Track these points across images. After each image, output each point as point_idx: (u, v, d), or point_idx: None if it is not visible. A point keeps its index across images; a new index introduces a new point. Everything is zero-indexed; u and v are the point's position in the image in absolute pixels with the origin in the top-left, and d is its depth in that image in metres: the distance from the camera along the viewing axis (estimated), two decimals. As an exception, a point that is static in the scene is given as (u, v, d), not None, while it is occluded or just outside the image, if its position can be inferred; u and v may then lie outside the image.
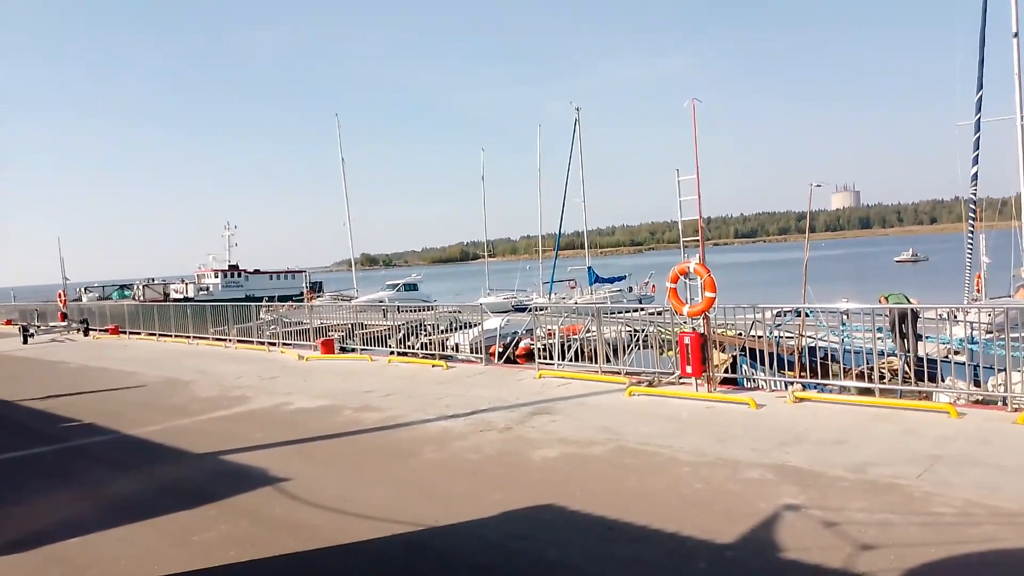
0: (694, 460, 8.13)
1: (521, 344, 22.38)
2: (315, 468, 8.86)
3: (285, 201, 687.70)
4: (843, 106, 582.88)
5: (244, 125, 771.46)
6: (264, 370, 17.33)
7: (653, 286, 48.55)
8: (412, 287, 59.66)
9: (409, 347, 18.72)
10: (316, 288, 66.67)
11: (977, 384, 12.01)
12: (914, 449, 7.93)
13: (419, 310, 23.83)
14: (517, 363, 18.76)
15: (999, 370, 10.57)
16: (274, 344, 21.69)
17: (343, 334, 21.78)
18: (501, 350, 19.83)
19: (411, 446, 9.58)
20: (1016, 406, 9.44)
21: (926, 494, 6.63)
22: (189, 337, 25.46)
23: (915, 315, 14.54)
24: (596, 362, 13.80)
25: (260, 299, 25.61)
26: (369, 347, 19.69)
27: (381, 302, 42.39)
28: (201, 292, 65.25)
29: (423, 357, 17.44)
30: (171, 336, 26.56)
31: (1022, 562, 5.26)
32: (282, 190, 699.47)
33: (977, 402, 10.76)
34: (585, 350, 15.65)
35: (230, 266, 70.39)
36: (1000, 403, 9.78)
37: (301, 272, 75.43)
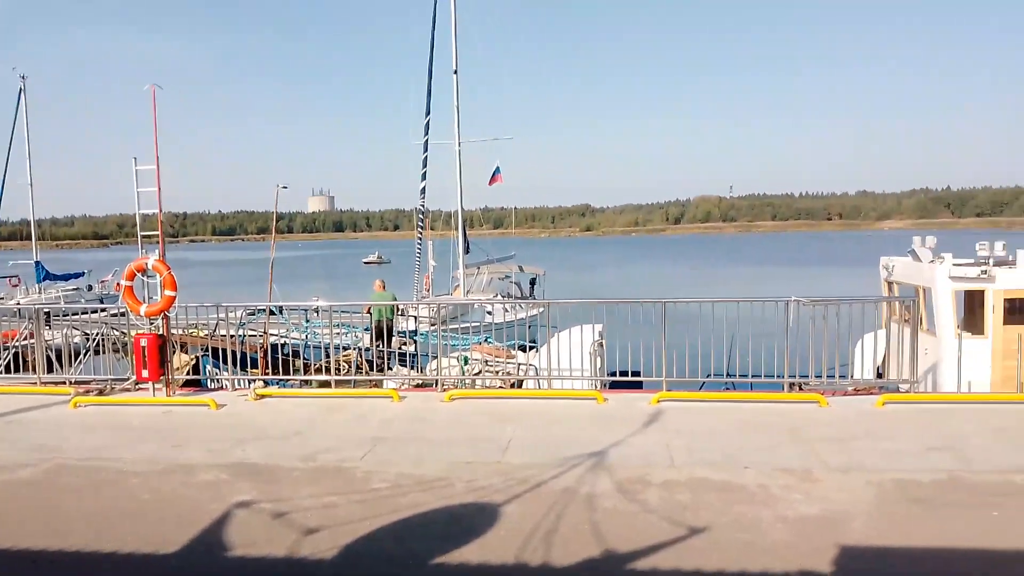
0: (145, 470, 7.60)
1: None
2: None
3: None
4: (320, 114, 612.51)
5: None
6: None
7: (118, 284, 44.29)
8: None
9: None
10: None
11: (419, 370, 13.74)
12: (361, 434, 8.68)
13: None
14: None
15: (433, 357, 12.24)
16: None
17: None
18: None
19: None
20: (445, 387, 11.04)
21: (367, 473, 7.31)
22: None
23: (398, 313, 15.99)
24: (36, 372, 11.98)
25: None
26: None
27: None
28: None
29: None
30: None
31: (440, 520, 6.14)
32: None
33: (419, 386, 12.28)
34: (29, 359, 13.46)
35: None
36: (435, 386, 11.32)
37: None
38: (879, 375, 12.81)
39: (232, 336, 12.25)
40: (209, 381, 12.58)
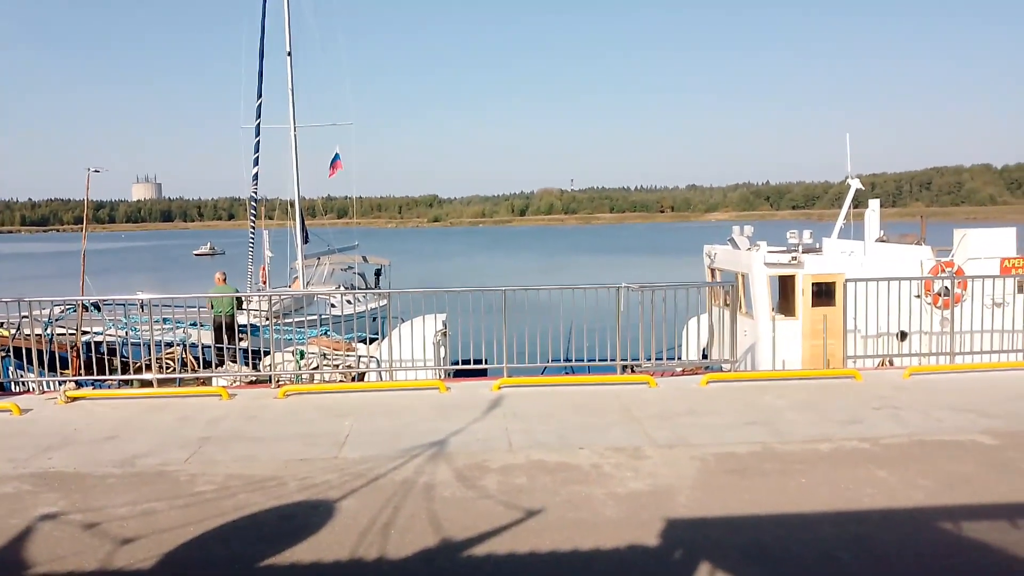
0: (-72, 486, 6.75)
1: None
2: None
3: None
4: (144, 95, 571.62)
5: None
6: None
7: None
8: None
9: None
10: None
11: (252, 366, 13.12)
12: (186, 434, 8.16)
13: None
14: None
15: (265, 352, 11.73)
16: None
17: None
18: None
19: None
20: (280, 383, 10.61)
21: (192, 476, 6.87)
22: None
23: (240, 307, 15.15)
24: None
25: None
26: None
27: None
28: None
29: None
30: None
31: (270, 520, 5.86)
32: None
33: (252, 382, 11.72)
34: None
35: None
36: (269, 382, 10.84)
37: None
38: (704, 356, 13.63)
39: (39, 334, 11.15)
40: (12, 384, 11.40)
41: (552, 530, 5.53)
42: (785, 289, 14.78)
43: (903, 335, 12.12)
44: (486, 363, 11.39)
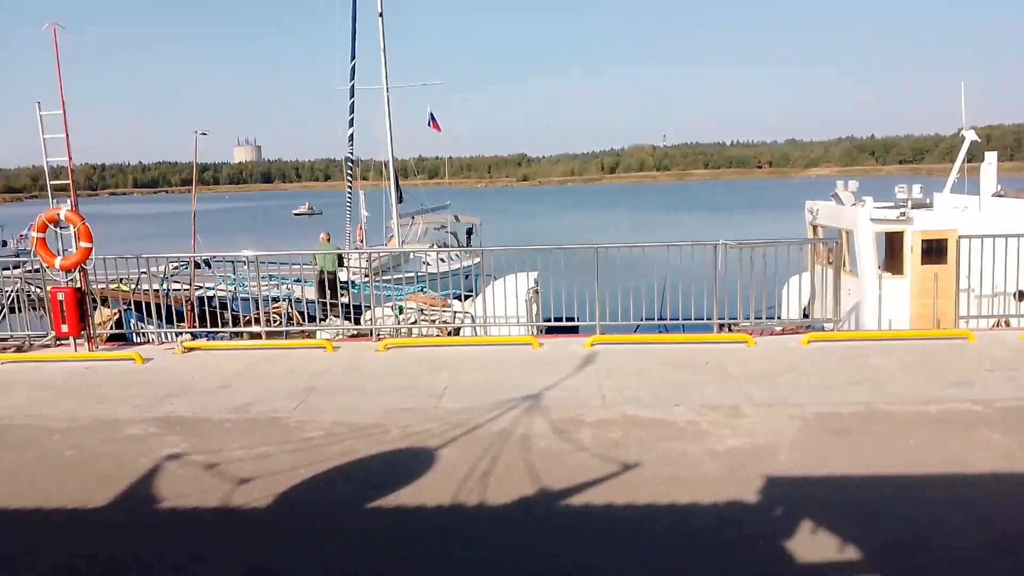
0: (66, 427, 7.35)
1: None
2: None
3: None
4: (244, 60, 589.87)
5: None
6: None
7: (34, 239, 42.28)
8: None
9: None
10: None
11: (354, 321, 13.58)
12: (293, 384, 8.55)
13: None
14: None
15: (366, 307, 12.11)
16: None
17: None
18: None
19: None
20: (380, 336, 10.95)
21: (300, 423, 7.22)
22: None
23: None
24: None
25: None
26: None
27: None
28: None
29: None
30: None
31: (375, 466, 6.12)
32: None
33: (354, 336, 12.14)
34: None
35: None
36: (370, 335, 11.21)
37: None
38: (805, 315, 13.25)
39: (156, 289, 11.85)
40: (134, 336, 12.18)
41: (648, 484, 5.56)
42: (892, 246, 14.13)
43: (1021, 295, 11.43)
44: (578, 320, 11.41)
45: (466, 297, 13.99)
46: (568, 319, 11.70)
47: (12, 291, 14.01)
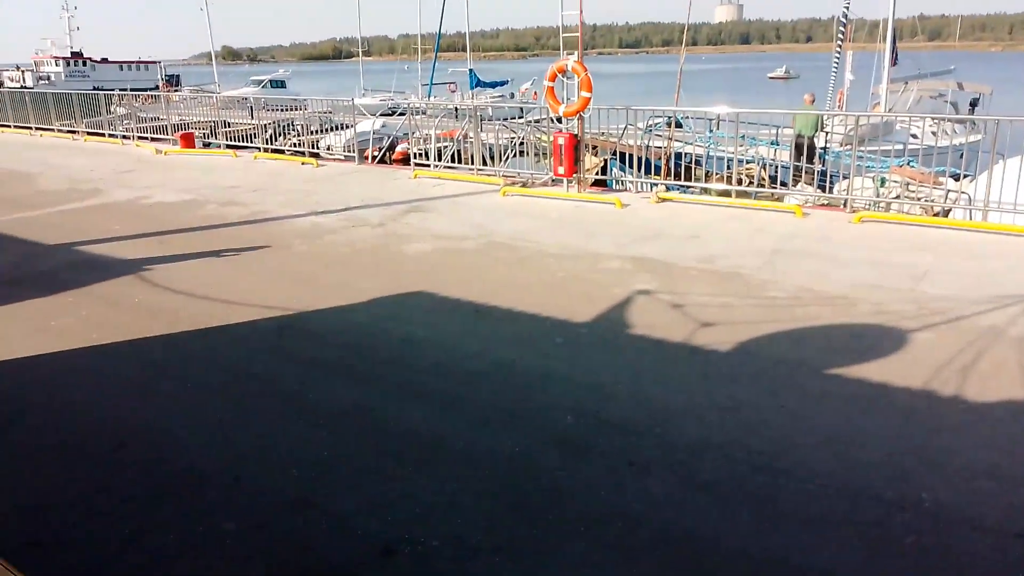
0: (559, 253, 8.49)
1: (397, 148, 21.83)
2: (179, 259, 8.65)
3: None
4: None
5: None
6: (119, 163, 16.26)
7: (535, 93, 47.76)
8: (280, 84, 56.05)
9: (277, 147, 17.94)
10: (173, 82, 61.62)
11: (825, 189, 12.90)
12: (759, 244, 8.57)
13: (288, 108, 22.57)
14: (392, 166, 18.42)
15: (844, 176, 11.34)
16: (128, 137, 20.20)
17: (205, 131, 20.47)
18: (376, 153, 19.33)
19: (281, 239, 9.47)
20: (854, 208, 10.27)
21: (763, 281, 7.27)
22: (31, 128, 23.25)
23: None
24: (473, 164, 13.78)
25: (110, 91, 23.35)
26: (234, 143, 18.72)
27: (246, 99, 39.80)
28: (41, 82, 58.72)
29: (292, 155, 16.83)
30: (9, 127, 24.15)
31: (839, 335, 5.95)
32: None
33: (824, 205, 11.57)
34: (462, 154, 15.51)
35: (73, 53, 63.49)
36: (842, 206, 10.58)
37: (155, 63, 69.15)
38: None
39: (638, 143, 12.63)
40: (614, 183, 13.30)
41: None
42: None
43: None
44: None
45: (964, 176, 12.19)
46: None
47: (521, 136, 16.24)
